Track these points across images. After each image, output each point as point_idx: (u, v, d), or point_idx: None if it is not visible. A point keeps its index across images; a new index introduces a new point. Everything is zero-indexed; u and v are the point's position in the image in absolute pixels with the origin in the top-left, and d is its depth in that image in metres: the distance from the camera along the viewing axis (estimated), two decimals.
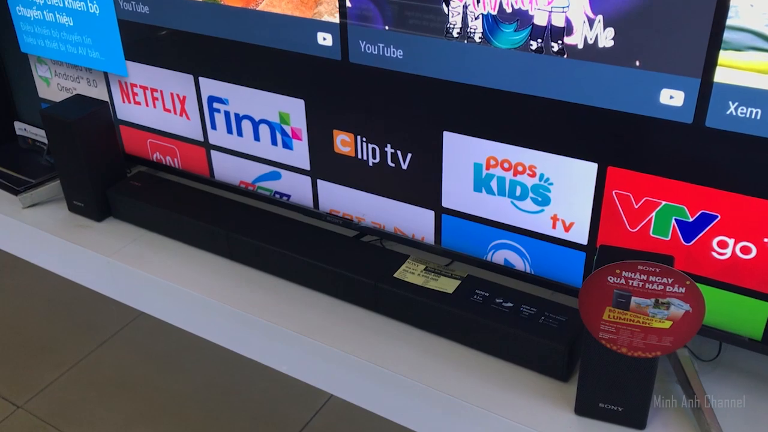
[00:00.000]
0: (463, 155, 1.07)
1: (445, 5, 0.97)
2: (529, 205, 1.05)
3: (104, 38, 1.36)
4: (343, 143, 1.18)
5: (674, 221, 0.94)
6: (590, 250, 1.03)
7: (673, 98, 0.86)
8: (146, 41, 1.31)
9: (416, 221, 1.17)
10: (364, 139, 1.15)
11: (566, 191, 1.01)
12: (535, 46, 0.93)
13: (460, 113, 1.04)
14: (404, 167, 1.13)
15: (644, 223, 0.96)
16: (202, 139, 1.36)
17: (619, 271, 0.84)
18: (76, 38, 1.39)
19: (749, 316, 0.94)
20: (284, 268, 1.22)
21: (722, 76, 0.82)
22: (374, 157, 1.16)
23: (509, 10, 0.92)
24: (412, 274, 1.13)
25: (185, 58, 1.29)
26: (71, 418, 1.92)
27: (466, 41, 0.98)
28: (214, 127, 1.32)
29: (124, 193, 1.39)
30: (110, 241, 1.35)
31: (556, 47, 0.91)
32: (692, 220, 0.93)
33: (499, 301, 1.06)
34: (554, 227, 1.04)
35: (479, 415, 0.99)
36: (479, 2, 0.94)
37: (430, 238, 1.17)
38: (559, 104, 0.95)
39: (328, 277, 1.17)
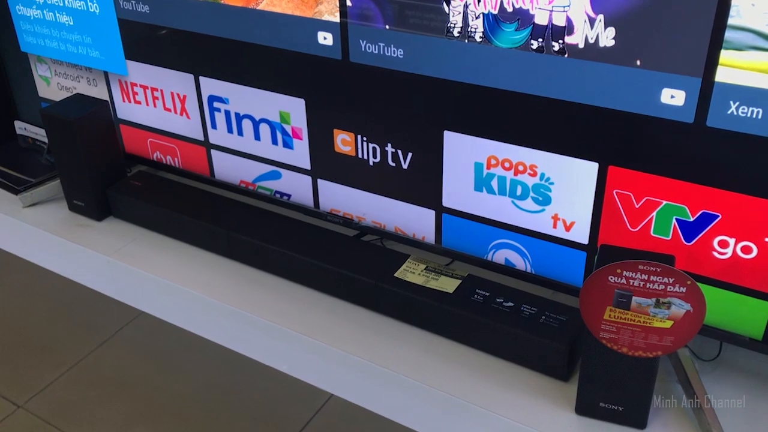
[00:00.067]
0: (463, 155, 1.07)
1: (445, 4, 0.96)
2: (529, 204, 1.05)
3: (104, 37, 1.35)
4: (343, 142, 1.18)
5: (675, 221, 0.94)
6: (591, 249, 1.03)
7: (674, 98, 0.86)
8: (146, 40, 1.31)
9: (417, 221, 1.17)
10: (364, 138, 1.15)
11: (567, 191, 1.01)
12: (535, 45, 0.93)
13: (460, 113, 1.04)
14: (405, 167, 1.13)
15: (645, 222, 0.96)
16: (202, 138, 1.36)
17: (620, 270, 0.84)
18: (76, 37, 1.39)
19: (750, 315, 0.94)
20: (284, 267, 1.22)
21: (723, 75, 0.82)
22: (375, 156, 1.15)
23: (510, 9, 0.92)
24: (412, 273, 1.13)
25: (185, 57, 1.29)
26: (71, 417, 1.92)
27: (466, 40, 0.97)
28: (214, 126, 1.32)
29: (124, 192, 1.38)
30: (110, 240, 1.35)
31: (556, 46, 0.91)
32: (693, 219, 0.93)
33: (499, 300, 1.06)
34: (555, 227, 1.04)
35: (480, 414, 0.98)
36: (480, 1, 0.94)
37: (430, 237, 1.17)
38: (559, 104, 0.95)
39: (328, 276, 1.17)
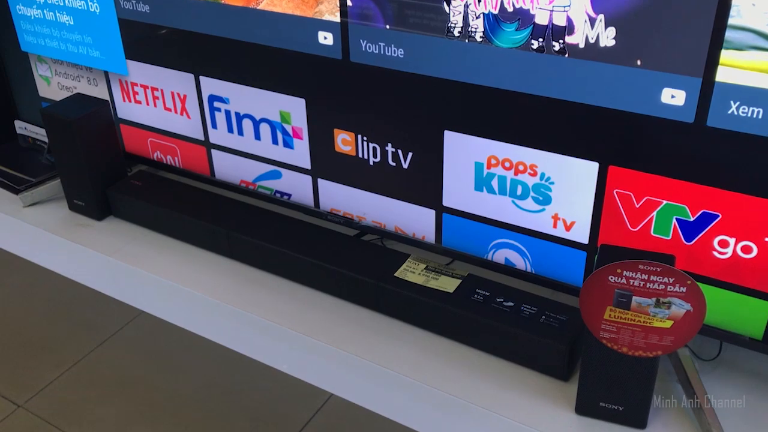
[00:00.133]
0: (464, 154, 1.07)
1: (446, 4, 0.96)
2: (530, 204, 1.05)
3: (105, 37, 1.35)
4: (343, 142, 1.18)
5: (675, 221, 0.94)
6: (591, 249, 1.03)
7: (674, 97, 0.86)
8: (147, 40, 1.31)
9: (417, 220, 1.17)
10: (364, 138, 1.15)
11: (567, 190, 1.01)
12: (536, 45, 0.93)
13: (461, 112, 1.04)
14: (405, 166, 1.13)
15: (645, 222, 0.96)
16: (202, 138, 1.36)
17: (620, 270, 0.84)
18: (76, 37, 1.39)
19: (750, 315, 0.94)
20: (285, 267, 1.22)
21: (724, 75, 0.82)
22: (375, 156, 1.15)
23: (510, 9, 0.92)
24: (412, 273, 1.13)
25: (186, 57, 1.29)
26: (71, 417, 1.92)
27: (467, 40, 0.97)
28: (214, 126, 1.32)
29: (124, 192, 1.38)
30: (111, 240, 1.35)
31: (557, 46, 0.91)
32: (693, 219, 0.93)
33: (499, 300, 1.06)
34: (555, 226, 1.04)
35: (480, 414, 0.98)
36: (480, 1, 0.94)
37: (430, 237, 1.17)
38: (560, 103, 0.95)
39: (328, 276, 1.17)
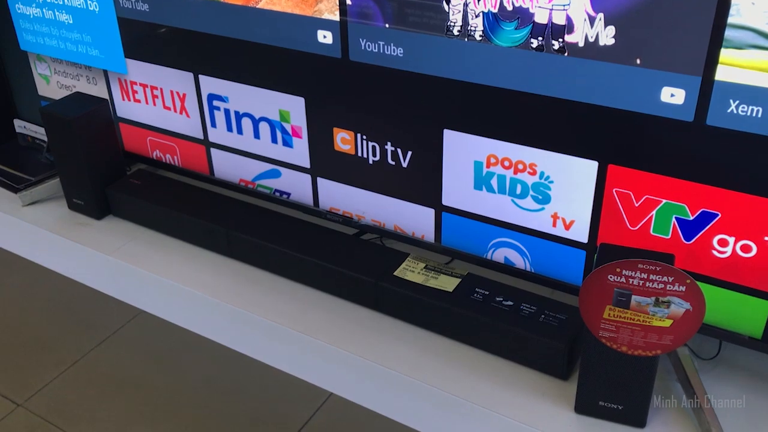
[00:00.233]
0: (463, 153, 1.07)
1: (445, 3, 0.96)
2: (529, 203, 1.05)
3: (104, 36, 1.35)
4: (343, 141, 1.18)
5: (675, 219, 0.94)
6: (590, 248, 1.03)
7: (674, 96, 0.86)
8: (146, 39, 1.31)
9: (416, 219, 1.17)
10: (364, 137, 1.15)
11: (567, 189, 1.01)
12: (535, 44, 0.93)
13: (460, 111, 1.04)
14: (404, 165, 1.13)
15: (645, 221, 0.96)
16: (201, 136, 1.36)
17: (619, 269, 0.84)
18: (75, 36, 1.39)
19: (749, 314, 0.94)
20: (284, 266, 1.22)
21: (723, 74, 0.82)
22: (374, 155, 1.15)
23: (510, 8, 0.92)
24: (412, 272, 1.13)
25: (185, 55, 1.29)
26: (71, 416, 1.92)
27: (466, 39, 0.97)
28: (214, 124, 1.32)
29: (123, 190, 1.38)
30: (110, 239, 1.35)
31: (556, 45, 0.91)
32: (693, 218, 0.93)
33: (499, 299, 1.06)
34: (554, 225, 1.04)
35: (479, 413, 0.98)
36: (480, 0, 0.94)
37: (430, 236, 1.17)
38: (559, 102, 0.95)
39: (328, 275, 1.17)
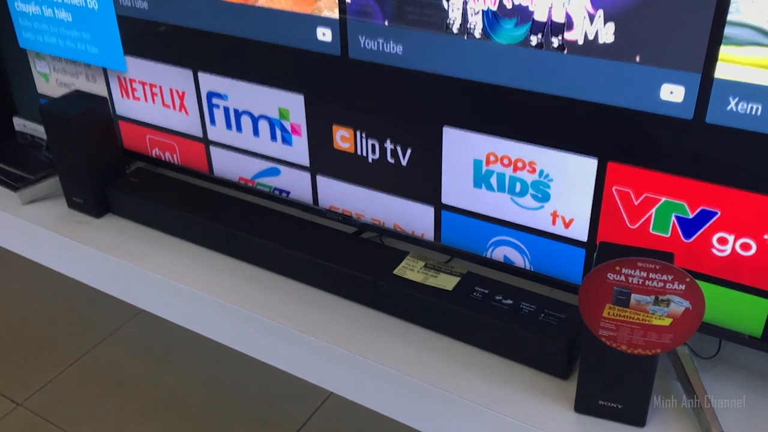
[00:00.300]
0: (462, 151, 1.06)
1: (444, 0, 0.96)
2: (528, 201, 1.04)
3: (103, 34, 1.35)
4: (342, 139, 1.17)
5: (674, 218, 0.94)
6: (590, 246, 1.02)
7: (673, 94, 0.86)
8: (145, 37, 1.31)
9: (416, 218, 1.17)
10: (363, 134, 1.15)
11: (566, 187, 1.00)
12: (535, 41, 0.92)
13: (459, 109, 1.04)
14: (404, 163, 1.13)
15: (644, 219, 0.96)
16: (201, 134, 1.35)
17: (618, 268, 0.84)
18: (74, 34, 1.39)
19: (749, 313, 0.94)
20: (283, 264, 1.22)
21: (723, 71, 0.82)
22: (374, 152, 1.15)
23: (509, 5, 0.92)
24: (411, 270, 1.13)
25: (184, 53, 1.29)
26: (71, 415, 1.92)
27: (466, 37, 0.97)
28: (213, 122, 1.32)
29: (123, 189, 1.38)
30: (109, 237, 1.35)
31: (556, 43, 0.91)
32: (692, 216, 0.92)
33: (498, 298, 1.06)
34: (554, 224, 1.04)
35: (478, 412, 0.98)
36: None
37: (429, 234, 1.17)
38: (559, 100, 0.94)
39: (327, 273, 1.17)
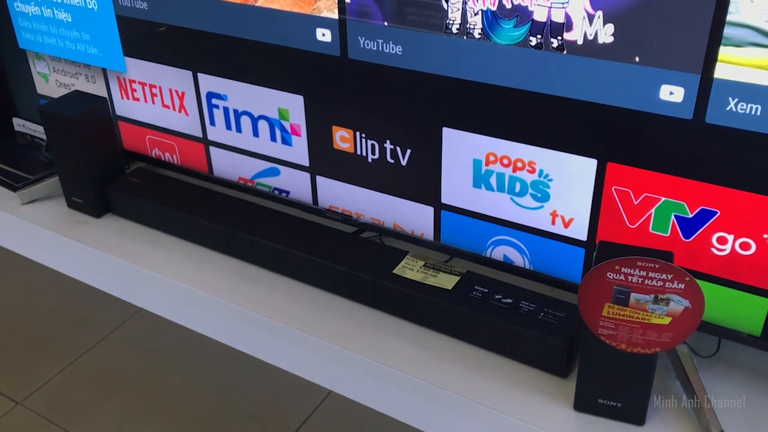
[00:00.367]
0: (462, 151, 1.07)
1: (444, 1, 0.96)
2: (528, 201, 1.05)
3: (103, 34, 1.35)
4: (342, 139, 1.18)
5: (674, 217, 0.94)
6: (589, 246, 1.03)
7: (672, 94, 0.86)
8: (145, 37, 1.31)
9: (415, 217, 1.17)
10: (363, 135, 1.15)
11: (566, 187, 1.01)
12: (534, 42, 0.93)
13: (459, 109, 1.04)
14: (403, 163, 1.13)
15: (644, 219, 0.96)
16: (200, 135, 1.35)
17: (618, 267, 0.84)
18: (74, 34, 1.39)
19: (748, 312, 0.94)
20: (283, 264, 1.22)
21: (722, 72, 0.82)
22: (373, 153, 1.15)
23: (509, 5, 0.92)
24: (411, 270, 1.13)
25: (184, 54, 1.29)
26: (70, 414, 1.92)
27: (465, 37, 0.97)
28: (212, 123, 1.32)
29: (122, 189, 1.38)
30: (109, 237, 1.35)
31: (555, 43, 0.91)
32: (692, 216, 0.93)
33: (498, 297, 1.06)
34: (553, 223, 1.04)
35: (478, 410, 0.98)
36: None
37: (429, 234, 1.17)
38: (558, 100, 0.95)
39: (327, 273, 1.17)
